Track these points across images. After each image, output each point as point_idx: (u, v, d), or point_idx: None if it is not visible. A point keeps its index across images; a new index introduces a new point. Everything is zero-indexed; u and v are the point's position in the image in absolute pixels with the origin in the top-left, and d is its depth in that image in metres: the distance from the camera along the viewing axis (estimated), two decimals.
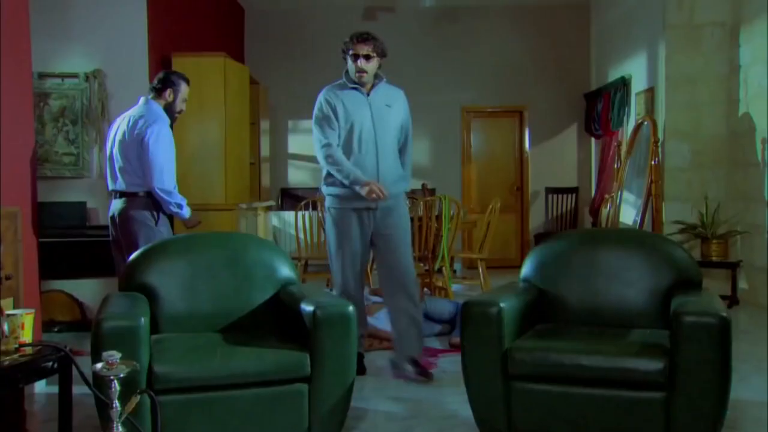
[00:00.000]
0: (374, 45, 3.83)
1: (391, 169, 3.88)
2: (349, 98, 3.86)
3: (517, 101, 9.71)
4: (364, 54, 3.81)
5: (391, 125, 3.90)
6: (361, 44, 3.81)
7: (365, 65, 3.82)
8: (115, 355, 2.44)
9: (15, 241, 3.38)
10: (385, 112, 3.87)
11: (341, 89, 3.91)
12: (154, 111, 4.07)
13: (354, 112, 3.83)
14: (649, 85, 7.21)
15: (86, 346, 2.82)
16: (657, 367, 2.73)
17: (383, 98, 3.91)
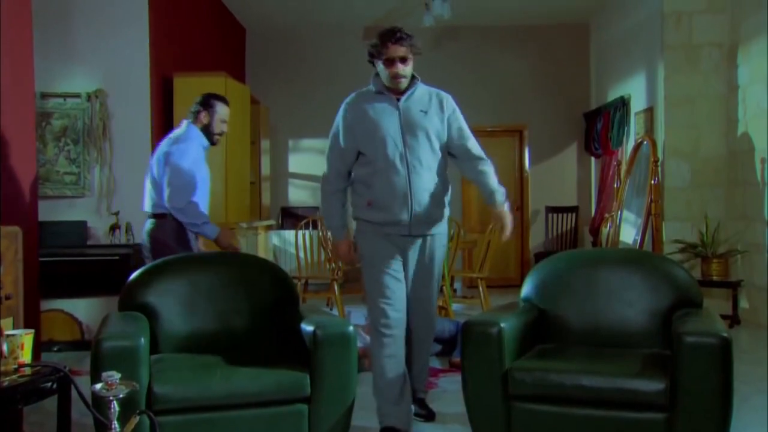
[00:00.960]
0: (410, 44, 3.25)
1: (427, 189, 3.25)
2: (376, 108, 3.28)
3: (516, 120, 9.74)
4: (400, 57, 3.22)
5: (427, 135, 3.27)
6: (396, 46, 3.20)
7: (403, 70, 3.24)
8: (115, 376, 2.43)
9: (15, 261, 3.38)
10: (419, 120, 3.26)
11: (367, 99, 3.33)
12: (187, 132, 4.08)
13: (380, 124, 3.24)
14: (649, 105, 7.24)
15: (86, 366, 2.81)
16: (658, 387, 2.72)
17: (417, 103, 3.30)
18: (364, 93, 3.36)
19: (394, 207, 3.23)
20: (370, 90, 3.34)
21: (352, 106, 3.33)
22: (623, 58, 8.16)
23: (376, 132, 3.23)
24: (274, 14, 8.93)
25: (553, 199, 9.72)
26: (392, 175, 3.21)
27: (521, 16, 9.20)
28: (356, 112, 3.30)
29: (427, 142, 3.26)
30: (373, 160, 3.25)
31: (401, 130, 3.23)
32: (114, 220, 5.76)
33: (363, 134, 3.26)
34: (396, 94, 3.28)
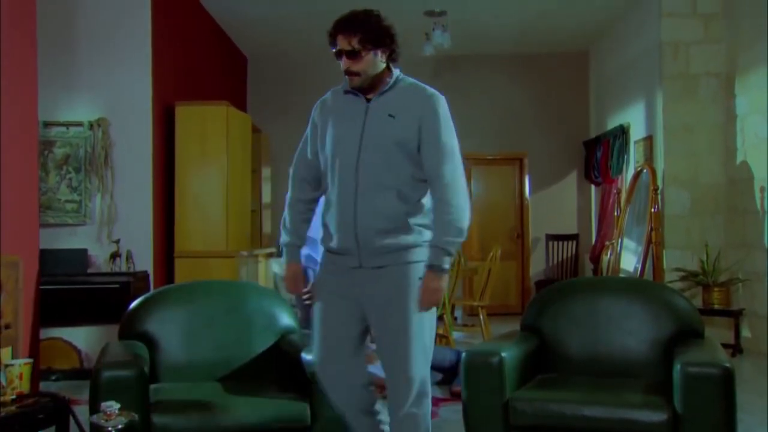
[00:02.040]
0: (363, 33, 2.53)
1: (380, 212, 2.54)
2: (340, 110, 2.67)
3: (517, 148, 9.78)
4: (346, 50, 2.54)
5: (388, 147, 2.55)
6: (342, 35, 2.54)
7: (352, 65, 2.55)
8: (114, 406, 2.42)
9: (15, 290, 3.38)
10: (382, 127, 2.57)
11: (337, 98, 2.73)
12: None
13: (337, 131, 2.63)
14: (648, 134, 7.28)
15: (84, 395, 2.80)
16: (660, 418, 2.70)
17: (388, 105, 2.59)
18: (338, 90, 2.73)
19: (339, 232, 2.59)
20: (342, 87, 2.71)
21: (323, 104, 2.77)
22: (622, 87, 8.23)
23: (331, 139, 2.63)
24: (276, 43, 9.01)
25: (554, 226, 9.72)
26: (339, 193, 2.58)
27: (521, 45, 9.28)
28: (323, 112, 2.73)
29: (388, 155, 2.55)
30: (328, 174, 2.65)
31: (358, 139, 2.57)
32: (115, 248, 5.76)
33: (321, 136, 2.69)
34: (368, 93, 2.62)
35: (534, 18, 8.10)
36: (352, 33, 2.52)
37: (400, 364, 2.56)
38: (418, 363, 2.55)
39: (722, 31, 6.74)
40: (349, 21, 2.54)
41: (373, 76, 2.58)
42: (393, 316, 2.54)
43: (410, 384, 2.56)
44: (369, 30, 2.54)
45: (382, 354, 2.63)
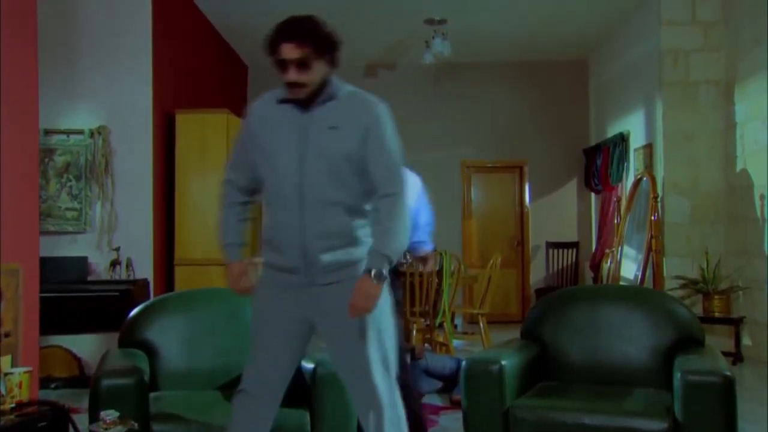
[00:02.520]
0: (316, 40, 2.36)
1: (328, 230, 2.42)
2: (275, 121, 2.48)
3: (517, 156, 9.79)
4: (294, 59, 2.35)
5: (333, 161, 2.41)
6: (288, 44, 2.34)
7: (300, 77, 2.37)
8: (113, 414, 2.42)
9: (15, 298, 3.37)
10: (324, 141, 2.41)
11: (271, 105, 2.52)
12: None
13: (273, 144, 2.46)
14: (648, 141, 7.29)
15: (84, 403, 2.79)
16: (660, 427, 2.70)
17: (328, 117, 2.43)
18: (269, 99, 2.54)
19: (285, 250, 2.45)
20: (277, 94, 2.51)
21: (260, 107, 2.56)
22: (622, 94, 8.24)
23: (265, 153, 2.47)
24: None
25: (554, 234, 9.72)
26: (282, 211, 2.45)
27: (521, 53, 9.30)
28: (259, 117, 2.54)
29: (333, 169, 2.40)
30: (267, 190, 2.52)
31: (298, 153, 2.41)
32: (115, 255, 5.76)
33: (257, 147, 2.51)
34: (305, 104, 2.44)
35: (534, 26, 8.12)
36: (304, 41, 2.33)
37: (361, 379, 2.43)
38: (378, 375, 2.42)
39: (722, 39, 6.76)
40: (300, 28, 2.34)
41: (317, 85, 2.41)
42: (348, 331, 2.42)
43: (375, 397, 2.41)
44: (321, 37, 2.37)
45: (341, 370, 2.53)
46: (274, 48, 2.35)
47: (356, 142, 2.40)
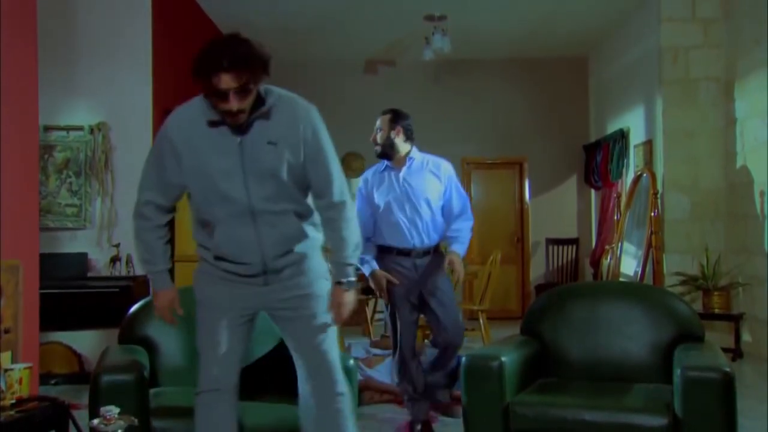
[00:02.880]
0: (254, 68, 2.30)
1: (281, 236, 2.47)
2: (213, 139, 2.38)
3: (516, 153, 9.79)
4: (234, 87, 2.26)
5: (275, 174, 2.41)
6: (226, 75, 2.23)
7: (241, 104, 2.30)
8: (113, 410, 2.42)
9: (15, 294, 3.38)
10: (265, 155, 2.38)
11: (198, 125, 2.39)
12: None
13: (213, 167, 2.39)
14: (647, 138, 7.28)
15: (84, 399, 2.79)
16: (660, 423, 2.70)
17: (265, 132, 2.39)
18: (197, 114, 2.40)
19: (243, 262, 2.48)
20: (201, 113, 2.38)
21: (184, 128, 2.41)
22: (622, 91, 8.24)
23: (207, 176, 2.40)
24: (275, 48, 8.96)
25: (554, 231, 9.72)
26: (234, 228, 2.44)
27: (521, 49, 9.30)
28: (186, 139, 2.39)
29: (278, 183, 2.43)
30: (207, 209, 2.47)
31: (242, 173, 2.38)
32: (115, 252, 5.76)
33: (191, 171, 2.42)
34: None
35: (534, 23, 8.11)
36: (243, 70, 2.25)
37: (321, 362, 2.54)
38: (335, 355, 2.58)
39: (722, 36, 6.75)
40: (237, 55, 2.25)
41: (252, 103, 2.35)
42: (302, 315, 2.53)
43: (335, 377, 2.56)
44: (258, 60, 2.32)
45: (300, 355, 2.57)
46: (209, 77, 2.24)
47: (296, 154, 2.41)
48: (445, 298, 3.97)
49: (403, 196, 3.88)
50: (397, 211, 3.87)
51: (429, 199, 3.88)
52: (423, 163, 3.98)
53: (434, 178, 3.94)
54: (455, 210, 3.96)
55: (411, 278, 3.91)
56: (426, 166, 3.97)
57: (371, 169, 4.09)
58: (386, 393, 4.79)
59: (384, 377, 4.94)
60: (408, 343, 4.01)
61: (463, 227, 3.96)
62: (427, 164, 3.99)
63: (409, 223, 3.87)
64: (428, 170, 3.95)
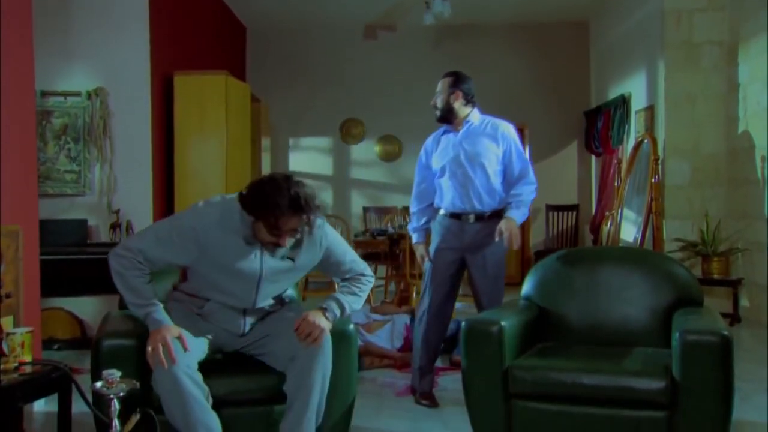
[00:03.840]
0: (309, 216, 2.60)
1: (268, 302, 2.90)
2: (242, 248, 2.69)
3: (517, 119, 9.66)
4: (292, 230, 2.63)
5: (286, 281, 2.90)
6: (295, 218, 2.58)
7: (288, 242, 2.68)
8: (115, 374, 2.43)
9: (16, 260, 3.38)
10: (283, 271, 2.81)
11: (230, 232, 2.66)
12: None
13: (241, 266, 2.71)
14: (649, 103, 7.24)
15: (86, 364, 2.81)
16: (658, 386, 2.72)
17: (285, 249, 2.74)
18: (235, 227, 2.66)
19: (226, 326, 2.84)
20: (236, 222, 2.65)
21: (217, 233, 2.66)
22: (623, 56, 8.16)
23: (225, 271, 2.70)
24: (275, 12, 8.92)
25: (554, 197, 9.71)
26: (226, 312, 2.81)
27: (521, 14, 9.19)
28: (216, 240, 2.66)
29: (288, 284, 2.92)
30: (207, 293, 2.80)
31: (257, 277, 2.74)
32: (114, 218, 5.76)
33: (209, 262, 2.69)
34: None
35: None
36: (303, 215, 2.58)
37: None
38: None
39: None
40: (306, 205, 2.56)
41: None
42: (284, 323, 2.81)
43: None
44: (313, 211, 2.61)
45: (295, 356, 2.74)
46: (281, 220, 2.55)
47: (313, 261, 2.85)
48: (489, 268, 3.80)
49: (457, 160, 3.77)
50: (449, 176, 3.79)
51: (484, 163, 3.74)
52: (481, 127, 3.84)
53: (491, 142, 3.79)
54: (515, 173, 3.81)
55: (456, 242, 3.81)
56: (484, 130, 3.83)
57: (432, 135, 3.99)
58: (386, 358, 4.82)
59: (384, 342, 4.98)
60: (435, 308, 3.89)
61: (522, 191, 3.78)
62: (486, 127, 3.84)
63: (461, 187, 3.77)
64: (485, 134, 3.81)
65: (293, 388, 2.71)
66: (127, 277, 2.64)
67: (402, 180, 9.83)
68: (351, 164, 9.93)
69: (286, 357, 2.74)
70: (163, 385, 2.51)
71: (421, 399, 3.90)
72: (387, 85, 9.74)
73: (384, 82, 9.74)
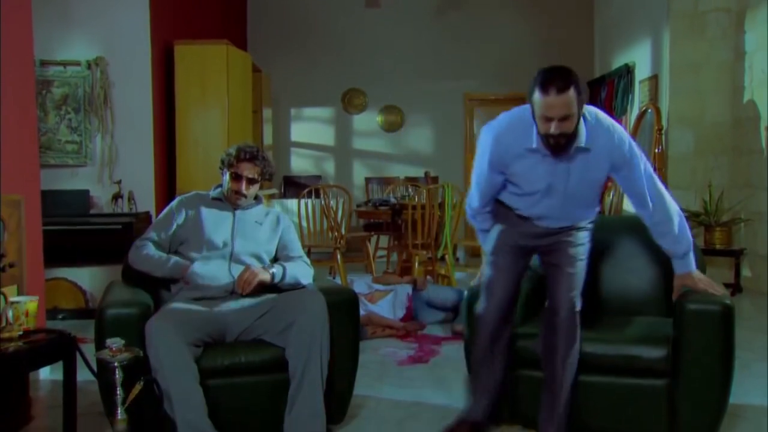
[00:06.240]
0: (263, 167, 3.14)
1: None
2: (215, 214, 3.15)
3: (520, 89, 9.58)
4: (249, 177, 3.11)
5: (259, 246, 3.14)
6: (248, 163, 3.10)
7: (247, 189, 3.13)
8: (119, 342, 2.45)
9: (18, 229, 3.38)
10: (254, 232, 3.16)
11: (203, 200, 3.20)
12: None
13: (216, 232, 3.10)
14: (653, 73, 7.17)
15: (90, 334, 2.83)
16: (659, 354, 2.74)
17: (254, 215, 3.20)
18: (202, 195, 3.23)
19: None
20: (208, 195, 3.22)
21: (188, 199, 3.20)
22: (628, 25, 8.07)
23: (202, 241, 3.06)
24: None
25: None
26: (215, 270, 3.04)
27: None
28: (190, 206, 3.17)
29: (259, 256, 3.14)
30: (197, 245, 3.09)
31: (231, 243, 3.09)
32: (116, 189, 5.76)
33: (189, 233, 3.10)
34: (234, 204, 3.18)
35: None
36: (256, 162, 3.12)
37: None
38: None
39: None
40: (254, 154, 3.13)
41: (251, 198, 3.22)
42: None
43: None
44: (269, 164, 3.19)
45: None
46: (233, 163, 3.10)
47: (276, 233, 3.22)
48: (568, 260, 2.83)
49: (558, 187, 2.76)
50: (541, 197, 2.80)
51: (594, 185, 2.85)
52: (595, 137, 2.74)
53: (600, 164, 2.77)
54: (640, 197, 2.85)
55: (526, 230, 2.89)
56: (600, 150, 2.74)
57: (505, 126, 2.92)
58: (388, 328, 4.85)
59: (386, 312, 5.00)
60: (495, 305, 2.86)
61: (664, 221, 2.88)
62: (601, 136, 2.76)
63: (556, 209, 2.83)
64: (596, 155, 2.73)
65: (294, 357, 2.75)
66: (145, 255, 3.02)
67: (404, 150, 9.80)
68: (353, 135, 9.89)
69: (280, 328, 2.81)
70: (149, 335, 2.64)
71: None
72: (389, 55, 9.67)
73: (386, 52, 9.67)
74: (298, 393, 2.73)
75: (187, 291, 2.99)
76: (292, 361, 2.76)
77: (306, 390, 2.72)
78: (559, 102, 2.57)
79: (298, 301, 2.86)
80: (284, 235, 3.24)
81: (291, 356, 2.76)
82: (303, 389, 2.73)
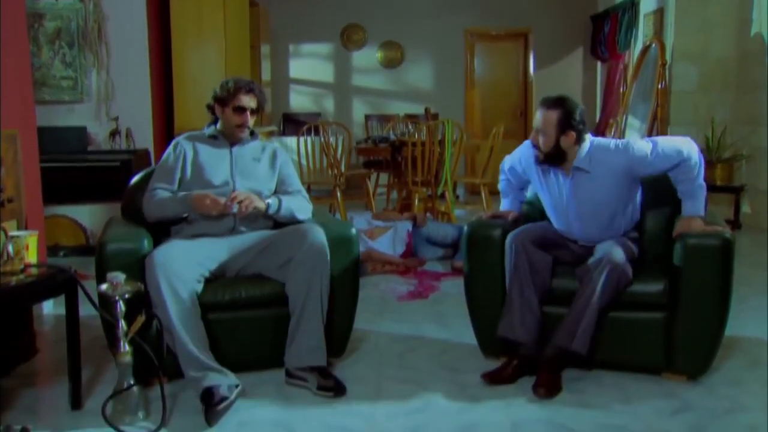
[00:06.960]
0: (259, 98, 3.14)
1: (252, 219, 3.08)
2: (212, 151, 3.13)
3: (521, 24, 9.49)
4: (251, 108, 3.11)
5: (258, 181, 3.11)
6: (248, 95, 3.09)
7: (249, 120, 3.13)
8: (120, 276, 2.46)
9: (15, 164, 3.36)
10: (252, 167, 3.14)
11: (200, 140, 3.17)
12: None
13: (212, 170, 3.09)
14: (658, 6, 7.03)
15: (91, 270, 2.83)
16: (657, 288, 2.76)
17: (251, 152, 3.18)
18: (196, 135, 3.21)
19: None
20: (203, 133, 3.19)
21: (190, 144, 3.16)
22: None
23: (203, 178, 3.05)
24: None
25: None
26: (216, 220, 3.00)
27: None
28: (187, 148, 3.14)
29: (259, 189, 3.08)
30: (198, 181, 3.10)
31: (231, 179, 3.07)
32: (114, 125, 5.71)
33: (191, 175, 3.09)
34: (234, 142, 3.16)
35: None
36: (258, 95, 3.13)
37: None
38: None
39: None
40: (255, 86, 3.14)
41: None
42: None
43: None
44: (263, 97, 3.19)
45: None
46: (233, 96, 3.08)
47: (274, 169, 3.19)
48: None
49: (572, 206, 3.00)
50: (556, 217, 3.11)
51: (612, 206, 2.97)
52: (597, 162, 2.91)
53: (614, 176, 2.91)
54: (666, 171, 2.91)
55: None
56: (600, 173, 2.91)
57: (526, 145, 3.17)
58: (388, 264, 4.87)
59: (386, 249, 5.02)
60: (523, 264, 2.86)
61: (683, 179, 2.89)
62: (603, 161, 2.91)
63: (581, 223, 3.02)
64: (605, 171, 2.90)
65: (294, 292, 2.77)
66: (157, 201, 2.98)
67: (404, 87, 9.68)
68: (352, 71, 9.75)
69: (279, 263, 2.84)
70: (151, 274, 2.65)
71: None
72: None
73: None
74: (299, 326, 2.76)
75: (189, 228, 2.99)
76: (291, 295, 2.78)
77: (306, 323, 2.75)
78: (540, 115, 2.97)
79: (297, 235, 2.86)
80: (282, 170, 3.22)
81: (290, 291, 2.78)
82: (303, 323, 2.75)
